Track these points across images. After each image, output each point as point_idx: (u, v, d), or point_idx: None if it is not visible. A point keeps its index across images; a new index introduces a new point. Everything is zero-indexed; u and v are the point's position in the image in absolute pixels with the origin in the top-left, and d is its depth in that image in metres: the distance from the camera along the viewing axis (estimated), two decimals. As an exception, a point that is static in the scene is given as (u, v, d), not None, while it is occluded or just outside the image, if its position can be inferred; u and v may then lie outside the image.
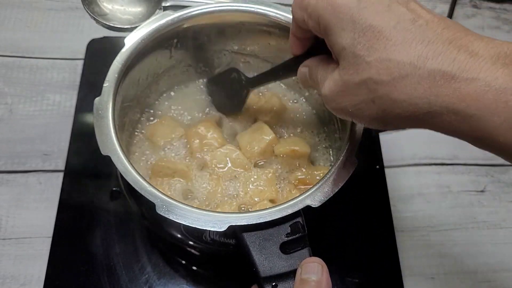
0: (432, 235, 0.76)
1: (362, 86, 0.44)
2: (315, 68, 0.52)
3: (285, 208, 0.51)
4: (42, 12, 0.96)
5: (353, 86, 0.45)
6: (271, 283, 0.48)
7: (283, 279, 0.48)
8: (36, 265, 0.71)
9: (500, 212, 0.78)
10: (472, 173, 0.81)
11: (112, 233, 0.72)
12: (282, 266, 0.48)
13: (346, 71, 0.45)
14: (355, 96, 0.45)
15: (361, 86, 0.44)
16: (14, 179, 0.78)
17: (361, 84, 0.44)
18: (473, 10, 0.99)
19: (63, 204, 0.74)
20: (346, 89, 0.45)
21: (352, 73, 0.44)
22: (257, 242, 0.49)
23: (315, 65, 0.52)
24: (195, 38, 0.71)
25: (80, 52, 0.90)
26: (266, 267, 0.48)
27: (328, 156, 0.71)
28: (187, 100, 0.76)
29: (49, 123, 0.83)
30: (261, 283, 0.48)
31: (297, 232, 0.50)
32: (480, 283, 0.72)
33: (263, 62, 0.76)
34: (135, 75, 0.67)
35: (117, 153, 0.55)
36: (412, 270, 0.73)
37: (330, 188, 0.54)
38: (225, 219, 0.50)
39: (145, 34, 0.64)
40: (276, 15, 0.67)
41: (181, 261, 0.71)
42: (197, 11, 0.67)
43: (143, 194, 0.52)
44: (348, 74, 0.45)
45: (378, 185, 0.78)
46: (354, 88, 0.45)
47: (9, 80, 0.87)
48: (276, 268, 0.48)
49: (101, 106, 0.58)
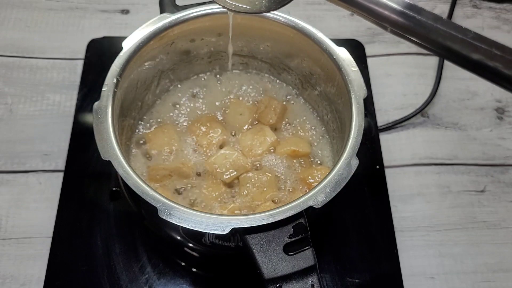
0: (432, 235, 0.76)
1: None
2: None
3: (287, 209, 0.51)
4: (42, 12, 0.96)
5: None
6: (275, 285, 0.48)
7: (287, 280, 0.48)
8: (36, 265, 0.71)
9: (500, 212, 0.78)
10: (472, 173, 0.81)
11: (112, 233, 0.72)
12: (286, 268, 0.48)
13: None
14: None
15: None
16: (14, 179, 0.78)
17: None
18: (473, 10, 0.99)
19: (63, 204, 0.74)
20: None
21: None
22: (261, 244, 0.49)
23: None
24: (193, 40, 0.71)
25: (80, 52, 0.90)
26: (270, 268, 0.48)
27: (329, 156, 0.71)
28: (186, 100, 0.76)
29: (49, 123, 0.83)
30: (266, 284, 0.48)
31: (300, 233, 0.50)
32: (480, 283, 0.72)
33: (261, 63, 0.76)
34: (134, 78, 0.67)
35: (117, 157, 0.55)
36: (412, 270, 0.73)
37: (332, 189, 0.54)
38: (228, 221, 0.50)
39: (142, 37, 0.65)
40: (274, 16, 0.67)
41: (181, 263, 0.71)
42: (194, 14, 0.67)
43: (144, 198, 0.52)
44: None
45: (378, 185, 0.78)
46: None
47: (9, 80, 0.87)
48: (280, 270, 0.48)
49: (100, 110, 0.58)
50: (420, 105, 0.87)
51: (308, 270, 0.49)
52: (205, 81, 0.78)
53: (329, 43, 0.65)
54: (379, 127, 0.84)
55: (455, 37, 0.43)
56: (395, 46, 0.93)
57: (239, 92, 0.76)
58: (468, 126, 0.86)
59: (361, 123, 0.59)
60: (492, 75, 0.44)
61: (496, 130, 0.86)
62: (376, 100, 0.87)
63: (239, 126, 0.73)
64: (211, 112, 0.74)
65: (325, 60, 0.65)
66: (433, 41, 0.44)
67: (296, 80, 0.76)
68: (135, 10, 0.97)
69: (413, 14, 0.44)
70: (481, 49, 0.43)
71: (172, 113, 0.74)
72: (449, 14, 0.98)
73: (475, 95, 0.89)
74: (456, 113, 0.87)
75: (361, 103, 0.60)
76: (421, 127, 0.86)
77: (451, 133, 0.85)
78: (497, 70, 0.43)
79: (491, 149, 0.84)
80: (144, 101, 0.73)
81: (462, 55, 0.44)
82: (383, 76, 0.90)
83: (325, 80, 0.69)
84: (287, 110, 0.75)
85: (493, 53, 0.43)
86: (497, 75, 0.43)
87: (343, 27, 0.95)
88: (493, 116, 0.87)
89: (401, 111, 0.87)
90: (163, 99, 0.76)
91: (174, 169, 0.67)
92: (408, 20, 0.44)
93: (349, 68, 0.63)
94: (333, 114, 0.70)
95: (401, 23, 0.45)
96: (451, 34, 0.43)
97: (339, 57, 0.64)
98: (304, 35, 0.66)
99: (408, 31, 0.45)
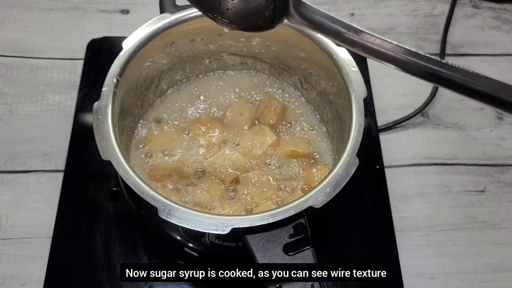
0: (432, 235, 0.76)
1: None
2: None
3: (287, 210, 0.51)
4: (42, 12, 0.96)
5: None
6: (275, 285, 0.48)
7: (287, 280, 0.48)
8: (36, 265, 0.71)
9: (500, 212, 0.78)
10: (472, 173, 0.81)
11: (112, 233, 0.72)
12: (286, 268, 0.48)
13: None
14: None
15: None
16: (14, 179, 0.78)
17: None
18: (473, 10, 0.99)
19: (63, 204, 0.74)
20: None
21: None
22: (261, 244, 0.49)
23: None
24: (192, 40, 0.71)
25: (80, 52, 0.90)
26: (270, 268, 0.48)
27: (329, 156, 0.71)
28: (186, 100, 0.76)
29: (49, 123, 0.83)
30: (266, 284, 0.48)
31: (300, 233, 0.50)
32: (480, 283, 0.72)
33: (261, 63, 0.77)
34: (134, 78, 0.67)
35: (117, 157, 0.55)
36: (412, 270, 0.73)
37: (332, 189, 0.54)
38: (228, 221, 0.50)
39: (142, 37, 0.65)
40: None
41: (181, 263, 0.71)
42: (194, 14, 0.67)
43: (144, 198, 0.52)
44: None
45: (378, 185, 0.78)
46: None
47: (9, 80, 0.87)
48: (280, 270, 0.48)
49: (101, 110, 0.59)
50: (420, 105, 0.87)
51: (308, 270, 0.49)
52: (205, 81, 0.78)
53: (329, 43, 0.65)
54: (379, 127, 0.84)
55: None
56: (395, 46, 0.93)
57: (239, 92, 0.76)
58: (468, 126, 0.86)
59: (361, 123, 0.59)
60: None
61: (496, 130, 0.86)
62: (376, 100, 0.87)
63: (239, 126, 0.73)
64: (211, 112, 0.74)
65: (325, 60, 0.65)
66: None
67: (296, 80, 0.76)
68: (135, 10, 0.97)
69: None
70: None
71: (172, 113, 0.74)
72: (449, 14, 0.98)
73: (475, 95, 0.89)
74: (456, 113, 0.87)
75: (361, 103, 0.61)
76: (421, 127, 0.86)
77: (451, 133, 0.85)
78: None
79: (491, 149, 0.84)
80: (144, 101, 0.73)
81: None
82: (383, 76, 0.90)
83: (325, 80, 0.69)
84: (287, 110, 0.75)
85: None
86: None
87: (343, 27, 0.95)
88: (493, 116, 0.87)
89: (401, 111, 0.87)
90: (163, 99, 0.76)
91: (174, 169, 0.67)
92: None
93: (349, 68, 0.63)
94: (333, 114, 0.70)
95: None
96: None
97: (339, 57, 0.64)
98: (304, 35, 0.66)
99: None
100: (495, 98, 0.42)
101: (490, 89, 0.43)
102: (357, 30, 0.46)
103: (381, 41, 0.45)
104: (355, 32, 0.46)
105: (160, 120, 0.74)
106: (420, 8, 1.00)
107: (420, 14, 0.99)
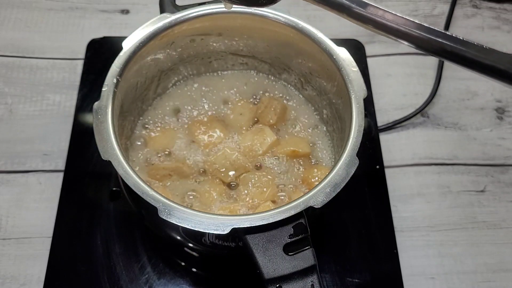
0: (432, 235, 0.76)
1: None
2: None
3: (287, 209, 0.51)
4: (42, 12, 0.96)
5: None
6: (275, 285, 0.48)
7: (287, 280, 0.48)
8: (36, 265, 0.71)
9: (500, 212, 0.78)
10: (472, 173, 0.81)
11: (112, 233, 0.72)
12: (285, 268, 0.48)
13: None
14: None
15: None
16: (14, 179, 0.78)
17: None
18: (473, 10, 0.99)
19: (63, 204, 0.74)
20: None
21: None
22: (261, 244, 0.49)
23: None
24: (192, 40, 0.71)
25: (80, 52, 0.90)
26: (270, 268, 0.48)
27: (329, 156, 0.71)
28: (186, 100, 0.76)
29: (49, 123, 0.83)
30: (266, 284, 0.48)
31: (300, 233, 0.50)
32: (480, 283, 0.72)
33: (261, 63, 0.76)
34: (134, 78, 0.67)
35: (117, 157, 0.55)
36: (412, 270, 0.73)
37: (332, 189, 0.54)
38: (228, 221, 0.50)
39: (142, 37, 0.65)
40: (274, 16, 0.67)
41: (181, 263, 0.71)
42: (194, 14, 0.67)
43: (144, 198, 0.52)
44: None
45: (378, 185, 0.78)
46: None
47: (9, 80, 0.87)
48: (280, 270, 0.48)
49: (101, 110, 0.59)
50: (420, 105, 0.87)
51: (308, 270, 0.49)
52: (205, 81, 0.78)
53: (329, 43, 0.65)
54: (379, 127, 0.84)
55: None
56: (395, 46, 0.93)
57: (239, 92, 0.76)
58: (468, 126, 0.86)
59: (361, 123, 0.59)
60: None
61: (496, 130, 0.86)
62: (376, 100, 0.87)
63: (239, 126, 0.73)
64: (211, 112, 0.74)
65: (325, 60, 0.65)
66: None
67: (296, 80, 0.76)
68: (135, 10, 0.97)
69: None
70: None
71: (172, 112, 0.74)
72: (449, 14, 0.98)
73: (475, 95, 0.89)
74: (456, 113, 0.87)
75: (361, 103, 0.60)
76: (421, 127, 0.86)
77: (451, 133, 0.85)
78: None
79: (491, 149, 0.84)
80: (144, 101, 0.73)
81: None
82: (383, 76, 0.90)
83: (325, 80, 0.69)
84: (287, 110, 0.75)
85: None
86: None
87: (343, 27, 0.94)
88: (493, 116, 0.87)
89: (401, 111, 0.87)
90: (163, 99, 0.76)
91: (174, 168, 0.67)
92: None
93: (349, 68, 0.63)
94: (333, 114, 0.70)
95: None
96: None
97: (339, 57, 0.64)
98: (304, 35, 0.66)
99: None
100: (508, 74, 0.42)
101: (503, 65, 0.42)
102: (366, 4, 0.45)
103: (393, 16, 0.45)
104: (363, 6, 0.45)
105: (160, 120, 0.74)
106: (420, 8, 1.00)
107: (420, 14, 0.99)
